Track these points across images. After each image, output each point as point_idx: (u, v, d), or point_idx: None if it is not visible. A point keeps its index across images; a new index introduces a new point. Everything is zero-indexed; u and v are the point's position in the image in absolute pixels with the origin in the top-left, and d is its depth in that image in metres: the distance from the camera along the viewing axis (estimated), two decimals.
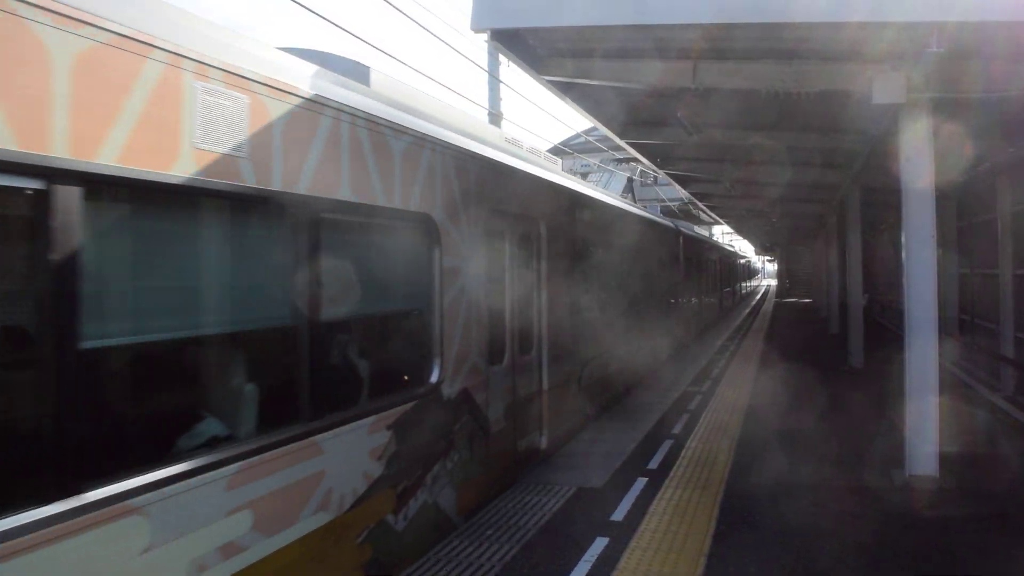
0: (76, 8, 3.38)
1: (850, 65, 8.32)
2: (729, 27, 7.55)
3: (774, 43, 8.23)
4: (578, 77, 9.25)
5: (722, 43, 8.33)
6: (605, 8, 7.09)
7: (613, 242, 13.12)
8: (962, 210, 17.12)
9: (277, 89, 4.59)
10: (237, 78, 4.29)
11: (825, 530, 6.88)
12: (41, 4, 3.24)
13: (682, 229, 22.53)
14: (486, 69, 18.81)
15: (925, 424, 8.16)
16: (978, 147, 11.68)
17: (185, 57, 3.93)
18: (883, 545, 6.56)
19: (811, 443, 9.90)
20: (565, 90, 9.88)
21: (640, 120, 12.95)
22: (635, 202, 24.81)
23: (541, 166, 9.92)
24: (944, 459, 8.20)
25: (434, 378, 6.50)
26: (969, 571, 6.08)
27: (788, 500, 7.73)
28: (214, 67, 4.12)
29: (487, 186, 7.65)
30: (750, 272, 74.30)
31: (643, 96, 10.60)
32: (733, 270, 48.00)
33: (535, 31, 8.02)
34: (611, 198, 14.57)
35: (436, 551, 6.40)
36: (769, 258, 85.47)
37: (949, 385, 12.33)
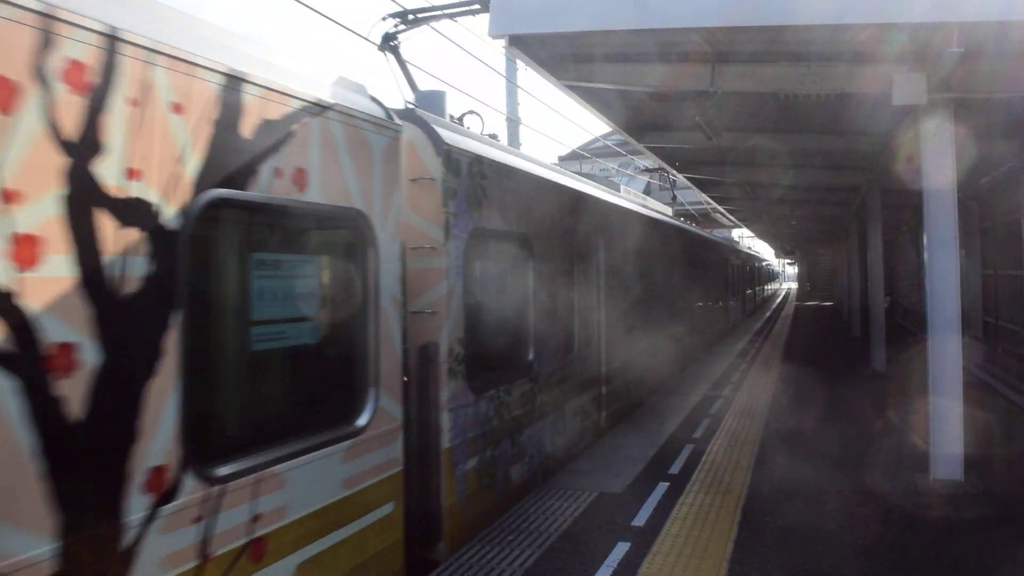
0: None
1: (868, 67, 8.29)
2: (741, 30, 7.54)
3: (790, 46, 8.21)
4: (596, 81, 9.27)
5: (737, 47, 8.32)
6: (624, 13, 7.09)
7: None
8: (985, 211, 16.95)
9: None
10: None
11: (847, 535, 6.82)
12: None
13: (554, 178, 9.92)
14: (503, 74, 18.86)
15: (949, 427, 8.09)
16: (1000, 147, 11.58)
17: None
18: (907, 549, 6.50)
19: (833, 447, 9.83)
20: (583, 95, 9.89)
21: (658, 124, 12.95)
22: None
23: None
24: (969, 463, 8.13)
25: None
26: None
27: (810, 505, 7.68)
28: None
29: None
30: (768, 276, 70.67)
31: (662, 100, 10.61)
32: (744, 274, 39.08)
33: (553, 37, 8.04)
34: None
35: (458, 555, 6.42)
36: (789, 261, 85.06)
37: (973, 388, 12.21)
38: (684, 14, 7.08)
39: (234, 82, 4.18)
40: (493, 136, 9.44)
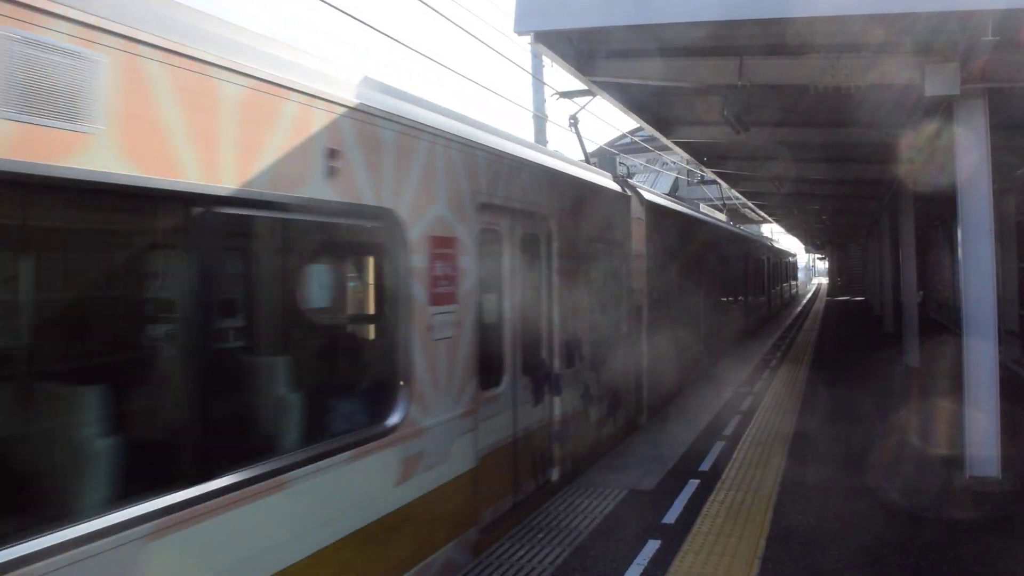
0: None
1: (899, 57, 8.15)
2: (771, 23, 7.45)
3: (817, 38, 8.10)
4: (623, 77, 9.21)
5: (762, 40, 8.23)
6: (654, 7, 7.03)
7: None
8: (1022, 203, 16.65)
9: None
10: None
11: (880, 533, 6.75)
12: None
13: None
14: (530, 71, 18.81)
15: (985, 424, 7.94)
16: None
17: None
18: (941, 548, 6.41)
19: (865, 444, 9.71)
20: (610, 91, 9.85)
21: (686, 119, 12.87)
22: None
23: None
24: (1004, 460, 7.98)
25: None
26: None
27: (843, 502, 7.59)
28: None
29: None
30: (791, 272, 62.07)
31: (688, 95, 10.54)
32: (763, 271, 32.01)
33: (581, 32, 8.01)
34: None
35: (488, 553, 6.42)
36: (820, 256, 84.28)
37: (1008, 384, 12.00)
38: (699, 8, 7.02)
39: None
40: None
